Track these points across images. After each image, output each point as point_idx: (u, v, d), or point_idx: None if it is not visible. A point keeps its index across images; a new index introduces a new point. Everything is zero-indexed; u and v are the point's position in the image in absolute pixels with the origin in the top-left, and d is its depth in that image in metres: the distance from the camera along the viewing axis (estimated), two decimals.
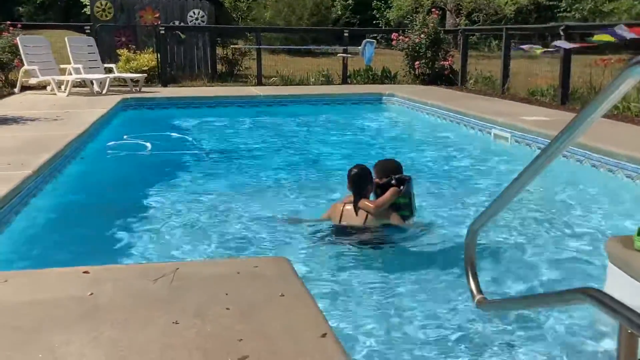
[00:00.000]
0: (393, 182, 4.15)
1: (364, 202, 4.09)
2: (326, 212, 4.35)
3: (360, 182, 4.11)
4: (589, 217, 4.71)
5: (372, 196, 4.22)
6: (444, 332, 2.91)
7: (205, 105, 10.65)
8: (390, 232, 4.09)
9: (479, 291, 2.09)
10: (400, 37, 13.43)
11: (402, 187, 4.15)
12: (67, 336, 2.05)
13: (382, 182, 4.19)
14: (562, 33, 9.50)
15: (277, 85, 13.16)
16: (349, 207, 4.14)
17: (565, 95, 9.60)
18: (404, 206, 4.21)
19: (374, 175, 4.24)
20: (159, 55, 12.81)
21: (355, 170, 4.13)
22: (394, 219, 4.12)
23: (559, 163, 5.77)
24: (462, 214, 4.76)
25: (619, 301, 1.31)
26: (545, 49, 8.53)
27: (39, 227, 4.29)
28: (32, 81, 10.93)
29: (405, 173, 4.34)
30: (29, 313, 2.23)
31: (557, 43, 8.53)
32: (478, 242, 2.26)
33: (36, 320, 2.17)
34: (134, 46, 13.31)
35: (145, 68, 12.44)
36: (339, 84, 13.53)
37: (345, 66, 13.72)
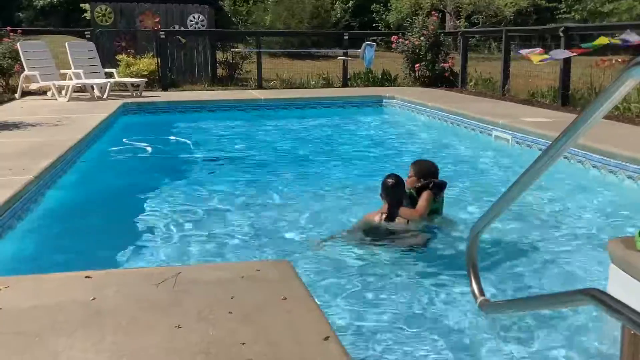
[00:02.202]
0: (431, 185, 4.17)
1: (405, 211, 4.11)
2: (359, 222, 4.32)
3: (398, 192, 4.12)
4: (591, 218, 4.71)
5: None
6: (445, 333, 2.91)
7: (206, 109, 10.67)
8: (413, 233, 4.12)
9: (482, 293, 2.08)
10: (400, 40, 13.44)
11: (437, 196, 4.21)
12: (70, 341, 2.06)
13: (419, 185, 4.19)
14: (561, 34, 9.50)
15: (278, 89, 13.17)
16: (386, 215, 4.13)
17: (565, 97, 9.60)
18: (435, 210, 4.28)
19: (410, 173, 4.25)
20: (159, 59, 12.82)
21: (391, 180, 4.10)
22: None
23: (560, 164, 5.77)
24: (464, 215, 4.76)
25: (621, 302, 1.31)
26: (542, 59, 8.50)
27: (41, 233, 4.30)
28: (33, 87, 10.94)
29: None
30: (31, 318, 2.23)
31: (553, 53, 8.53)
32: (480, 244, 2.26)
33: (39, 326, 2.17)
34: (133, 51, 13.33)
35: (146, 72, 12.45)
36: (339, 87, 13.54)
37: (345, 69, 13.73)
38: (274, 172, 6.40)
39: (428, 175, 4.28)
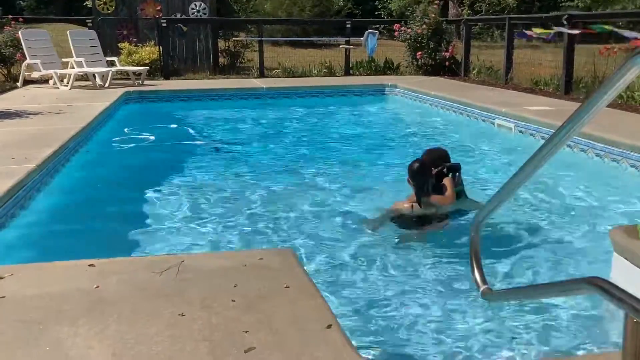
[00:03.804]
0: (444, 170, 4.19)
1: (436, 198, 4.12)
2: (387, 210, 4.29)
3: (423, 176, 4.10)
4: (594, 207, 4.70)
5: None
6: (448, 321, 2.92)
7: (208, 97, 10.65)
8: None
9: (484, 282, 2.09)
10: (403, 28, 13.37)
11: (456, 175, 4.24)
12: (74, 329, 2.07)
13: (434, 172, 4.21)
14: (565, 22, 9.44)
15: (280, 77, 13.13)
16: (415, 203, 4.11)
17: (568, 85, 9.55)
18: (459, 193, 4.29)
19: None
20: (160, 48, 12.79)
21: (417, 164, 4.11)
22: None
23: (563, 153, 5.76)
24: None
25: (624, 290, 1.32)
26: (550, 32, 8.58)
27: (44, 221, 4.30)
28: (35, 75, 10.93)
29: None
30: (35, 306, 2.24)
31: (559, 28, 8.55)
32: (483, 233, 2.26)
33: (43, 314, 2.18)
34: (135, 39, 13.29)
35: (147, 61, 12.41)
36: (341, 76, 13.50)
37: (347, 57, 13.67)
38: (276, 161, 6.40)
39: (438, 160, 4.28)
